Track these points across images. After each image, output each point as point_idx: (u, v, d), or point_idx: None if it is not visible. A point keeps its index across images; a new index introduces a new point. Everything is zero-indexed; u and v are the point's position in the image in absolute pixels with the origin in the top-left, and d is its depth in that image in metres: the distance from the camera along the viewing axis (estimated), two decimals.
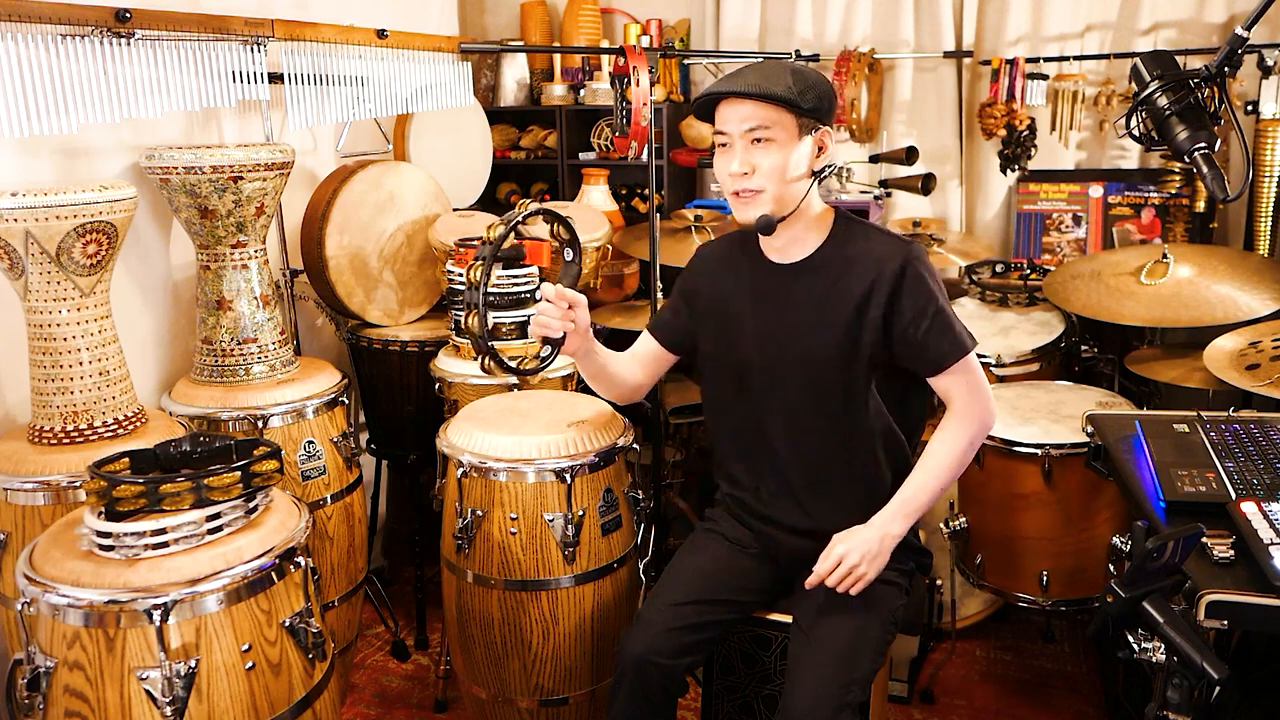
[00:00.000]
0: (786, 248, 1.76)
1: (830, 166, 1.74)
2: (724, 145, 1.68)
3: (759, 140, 1.64)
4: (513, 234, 2.72)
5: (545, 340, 1.77)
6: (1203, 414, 1.87)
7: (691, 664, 1.75)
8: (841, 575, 1.64)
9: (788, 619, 1.80)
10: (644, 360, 1.96)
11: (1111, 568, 1.98)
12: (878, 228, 1.77)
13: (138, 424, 1.99)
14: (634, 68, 2.27)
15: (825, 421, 1.74)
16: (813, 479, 1.78)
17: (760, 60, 1.74)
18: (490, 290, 2.42)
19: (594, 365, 1.86)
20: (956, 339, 1.68)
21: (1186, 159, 1.44)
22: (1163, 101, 1.44)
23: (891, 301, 1.66)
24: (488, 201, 3.51)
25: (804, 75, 1.65)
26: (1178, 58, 1.50)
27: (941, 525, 2.44)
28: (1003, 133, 3.19)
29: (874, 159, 3.23)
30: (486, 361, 1.91)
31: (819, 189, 1.74)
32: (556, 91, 3.60)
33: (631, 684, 1.70)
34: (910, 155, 3.04)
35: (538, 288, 2.49)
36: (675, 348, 1.95)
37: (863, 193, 3.24)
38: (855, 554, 1.64)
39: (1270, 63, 2.68)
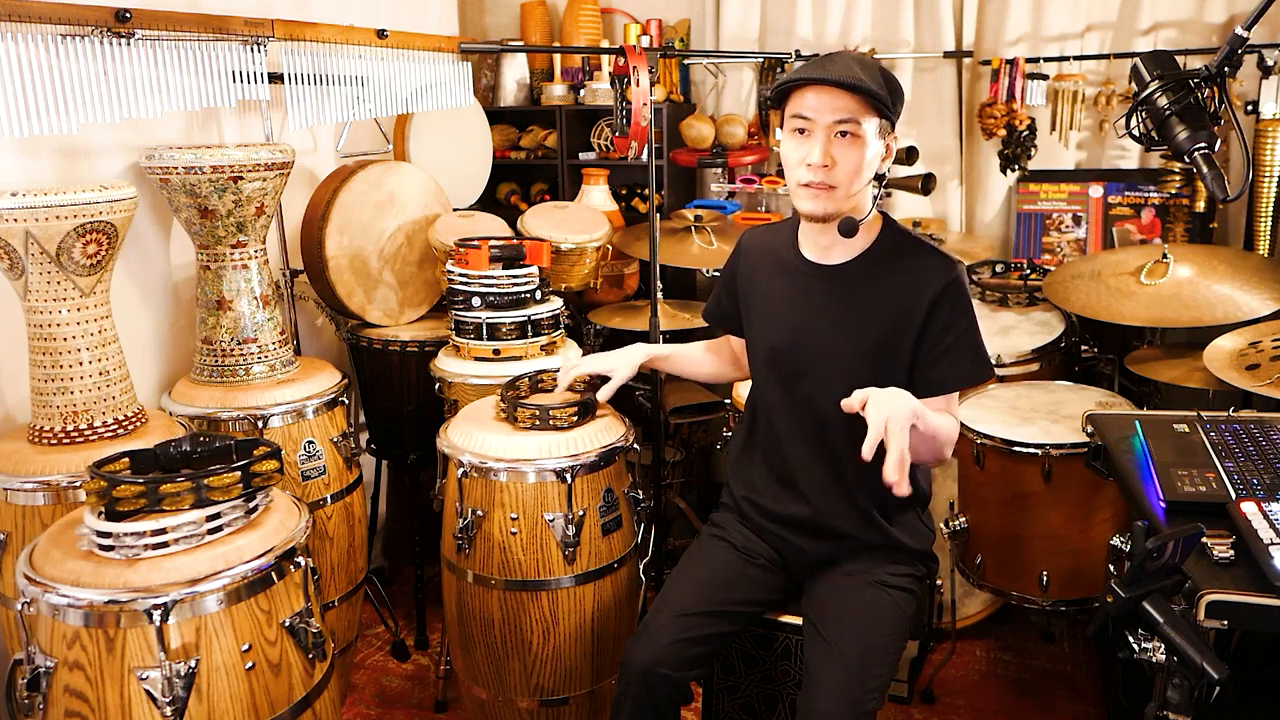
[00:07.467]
0: (831, 248, 1.72)
1: (887, 171, 1.70)
2: (803, 132, 1.62)
3: (845, 134, 1.59)
4: (515, 234, 2.73)
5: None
6: (1203, 414, 1.87)
7: (698, 675, 1.72)
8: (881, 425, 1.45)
9: (792, 620, 1.80)
10: (716, 349, 2.07)
11: (1111, 568, 1.98)
12: (925, 241, 1.73)
13: (138, 424, 1.99)
14: (634, 68, 2.26)
15: (847, 423, 1.69)
16: (832, 477, 1.75)
17: (840, 51, 1.69)
18: (491, 290, 2.44)
19: (678, 371, 2.04)
20: (970, 368, 1.67)
21: (1186, 159, 1.44)
22: (1163, 101, 1.44)
23: (930, 314, 1.64)
24: (488, 201, 3.51)
25: (886, 73, 1.60)
26: (1178, 58, 1.50)
27: (941, 525, 2.43)
28: (1003, 133, 3.19)
29: None
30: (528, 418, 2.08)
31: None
32: (556, 91, 3.60)
33: (637, 695, 1.66)
34: (910, 155, 3.04)
35: (538, 287, 2.51)
36: (738, 332, 1.95)
37: None
38: (886, 408, 1.45)
39: (1270, 63, 2.69)
